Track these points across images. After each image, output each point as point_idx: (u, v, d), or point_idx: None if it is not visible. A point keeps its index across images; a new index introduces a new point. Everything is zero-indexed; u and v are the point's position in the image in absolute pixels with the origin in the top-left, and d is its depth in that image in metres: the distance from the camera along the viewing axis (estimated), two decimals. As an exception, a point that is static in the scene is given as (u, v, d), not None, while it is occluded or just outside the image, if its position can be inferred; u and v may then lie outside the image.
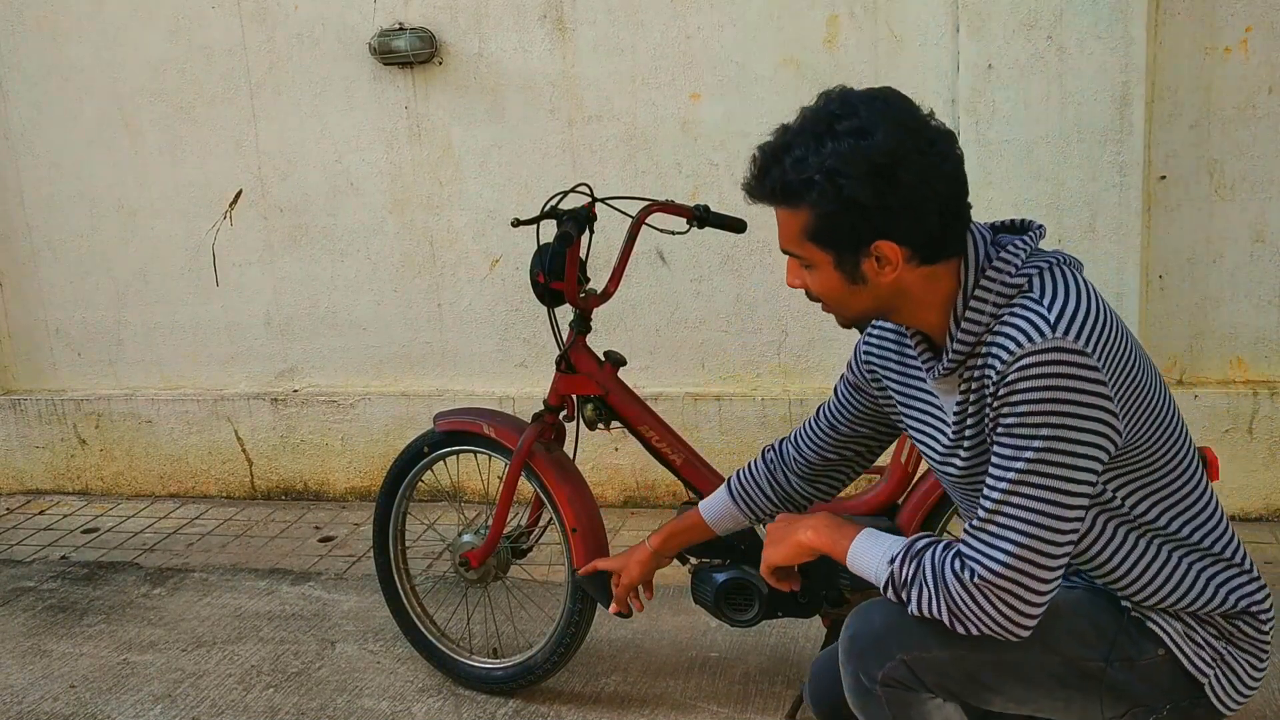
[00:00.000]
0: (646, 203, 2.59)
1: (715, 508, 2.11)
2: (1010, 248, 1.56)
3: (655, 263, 3.80)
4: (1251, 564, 1.66)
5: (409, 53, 3.79)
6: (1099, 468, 1.48)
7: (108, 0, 4.10)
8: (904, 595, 1.55)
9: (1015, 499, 1.47)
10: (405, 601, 2.85)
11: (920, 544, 1.57)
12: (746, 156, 3.84)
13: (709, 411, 3.82)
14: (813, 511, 1.91)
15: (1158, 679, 1.61)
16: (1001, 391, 1.47)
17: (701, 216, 2.63)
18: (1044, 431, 1.45)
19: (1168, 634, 1.61)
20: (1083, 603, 1.64)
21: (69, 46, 4.17)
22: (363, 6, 3.87)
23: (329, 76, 3.96)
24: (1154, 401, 1.55)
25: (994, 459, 1.50)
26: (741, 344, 3.81)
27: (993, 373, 1.49)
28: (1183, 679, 1.61)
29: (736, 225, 2.69)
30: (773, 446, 2.08)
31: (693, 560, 2.52)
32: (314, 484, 4.27)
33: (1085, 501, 1.48)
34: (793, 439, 2.04)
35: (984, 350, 1.53)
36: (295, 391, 4.24)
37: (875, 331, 1.83)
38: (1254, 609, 1.64)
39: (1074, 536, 1.48)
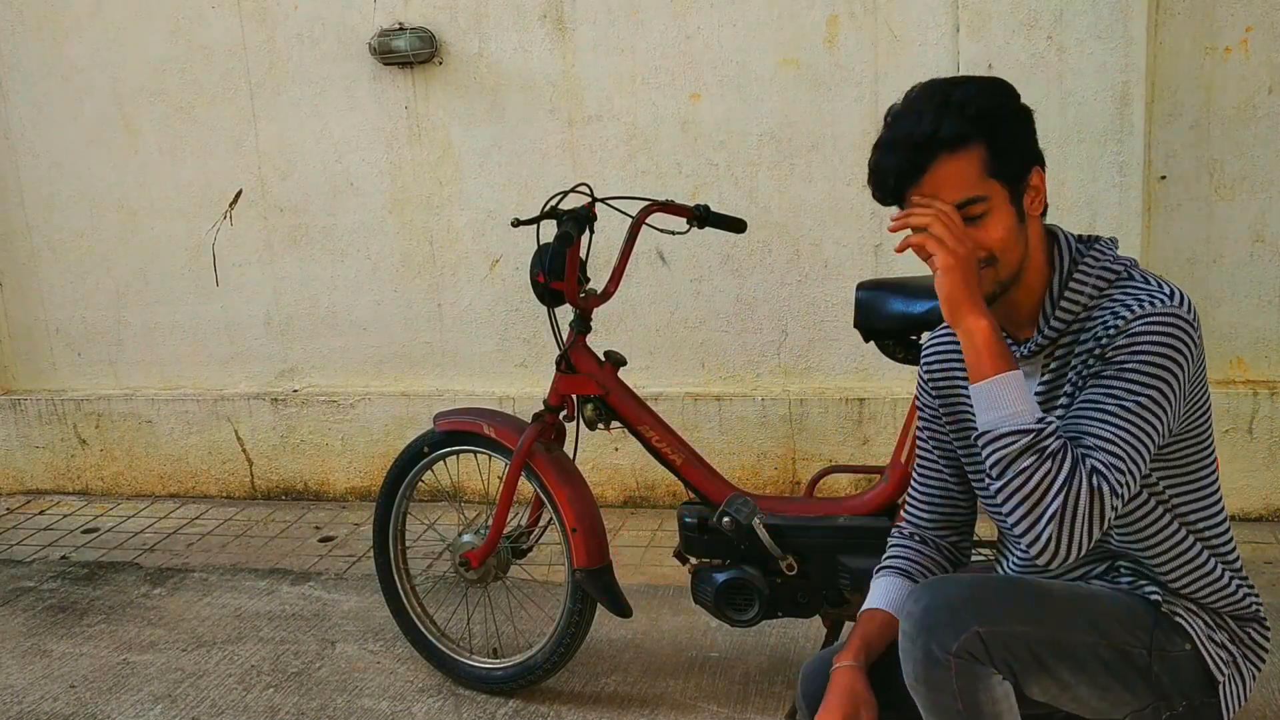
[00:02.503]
0: (646, 203, 2.59)
1: (897, 598, 1.83)
2: (1098, 246, 1.67)
3: (655, 263, 3.80)
4: (1247, 574, 1.76)
5: (409, 53, 3.79)
6: (1167, 425, 1.57)
7: (107, 0, 4.10)
8: (1023, 460, 1.50)
9: (1132, 431, 1.54)
10: (405, 601, 2.85)
11: (1062, 435, 1.55)
12: (747, 156, 3.81)
13: (709, 411, 3.82)
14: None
15: (1182, 674, 1.67)
16: (1121, 340, 1.55)
17: (701, 216, 2.63)
18: (1156, 381, 1.54)
19: (1194, 629, 1.68)
20: (1121, 596, 1.70)
21: (69, 46, 4.17)
22: (363, 6, 3.87)
23: (329, 76, 3.96)
24: (1205, 401, 1.66)
25: (1103, 391, 1.56)
26: (741, 344, 3.81)
27: (1112, 329, 1.56)
28: (1200, 677, 1.68)
29: (736, 225, 2.69)
30: (915, 534, 1.92)
31: (693, 560, 2.53)
32: (314, 484, 4.27)
33: (1155, 452, 1.58)
34: (915, 514, 1.92)
35: (1082, 328, 1.62)
36: (295, 391, 4.24)
37: (933, 345, 1.87)
38: (1260, 615, 1.74)
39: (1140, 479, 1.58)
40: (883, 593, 1.84)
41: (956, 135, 1.55)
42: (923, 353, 1.89)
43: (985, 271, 1.60)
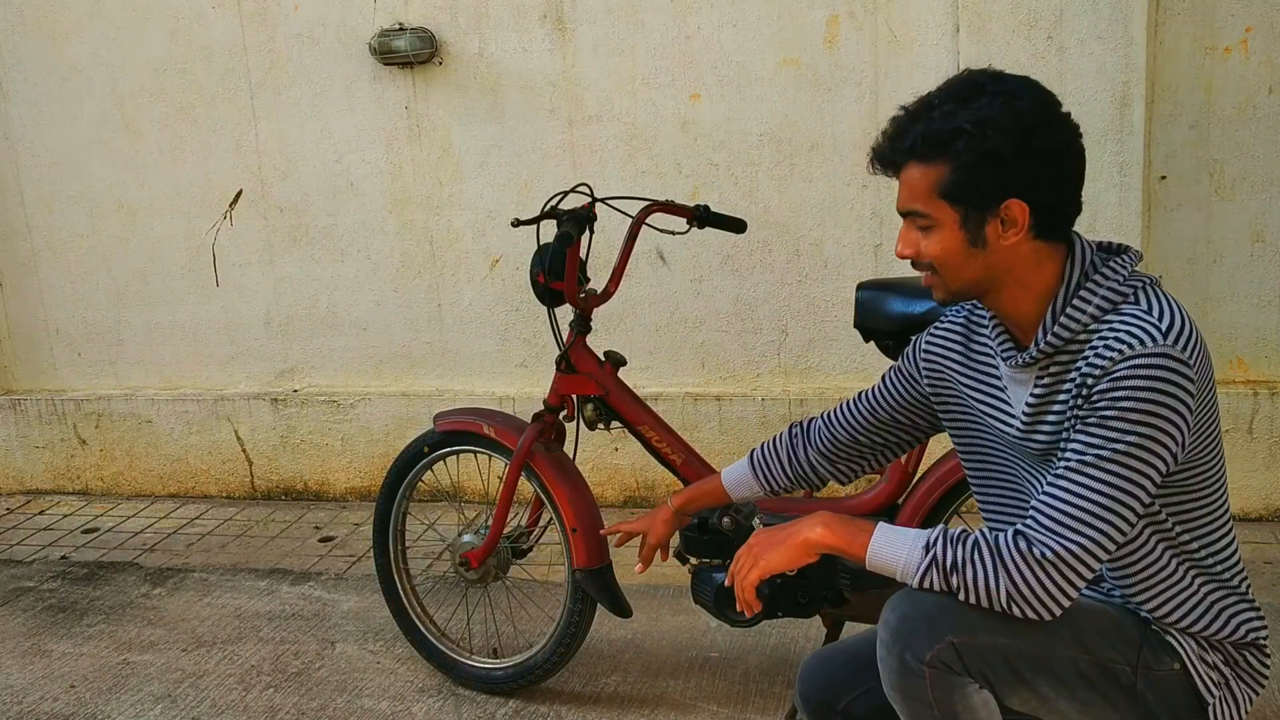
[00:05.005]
0: (646, 203, 2.59)
1: (735, 475, 2.15)
2: (1116, 261, 1.63)
3: (655, 263, 3.81)
4: (1254, 597, 1.73)
5: (409, 53, 3.80)
6: (1165, 470, 1.54)
7: (108, 0, 4.10)
8: (951, 579, 1.56)
9: (1097, 485, 1.52)
10: (405, 601, 2.85)
11: (957, 530, 1.60)
12: (747, 156, 3.81)
13: (709, 411, 3.82)
14: (808, 510, 1.90)
15: (1170, 693, 1.65)
16: (1105, 385, 1.52)
17: (701, 216, 2.63)
18: (1140, 429, 1.50)
19: (1184, 649, 1.65)
20: (1111, 611, 1.69)
21: (69, 46, 4.17)
22: (363, 6, 3.87)
23: (329, 76, 3.96)
24: (1214, 429, 1.61)
25: (1077, 444, 1.55)
26: (741, 344, 3.81)
27: (1097, 369, 1.53)
28: (1190, 698, 1.65)
29: (736, 225, 2.69)
30: (799, 423, 2.10)
31: (693, 560, 2.52)
32: (314, 484, 4.27)
33: (1147, 500, 1.54)
34: (823, 417, 2.05)
35: (1080, 349, 1.59)
36: (295, 391, 4.24)
37: (942, 327, 1.87)
38: (1260, 642, 1.71)
39: (1129, 530, 1.56)
40: (732, 469, 2.15)
41: (908, 151, 1.60)
42: (929, 331, 1.89)
43: (934, 278, 1.65)
